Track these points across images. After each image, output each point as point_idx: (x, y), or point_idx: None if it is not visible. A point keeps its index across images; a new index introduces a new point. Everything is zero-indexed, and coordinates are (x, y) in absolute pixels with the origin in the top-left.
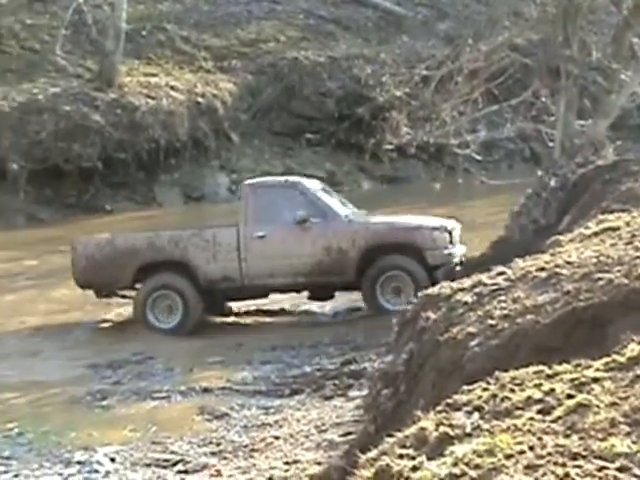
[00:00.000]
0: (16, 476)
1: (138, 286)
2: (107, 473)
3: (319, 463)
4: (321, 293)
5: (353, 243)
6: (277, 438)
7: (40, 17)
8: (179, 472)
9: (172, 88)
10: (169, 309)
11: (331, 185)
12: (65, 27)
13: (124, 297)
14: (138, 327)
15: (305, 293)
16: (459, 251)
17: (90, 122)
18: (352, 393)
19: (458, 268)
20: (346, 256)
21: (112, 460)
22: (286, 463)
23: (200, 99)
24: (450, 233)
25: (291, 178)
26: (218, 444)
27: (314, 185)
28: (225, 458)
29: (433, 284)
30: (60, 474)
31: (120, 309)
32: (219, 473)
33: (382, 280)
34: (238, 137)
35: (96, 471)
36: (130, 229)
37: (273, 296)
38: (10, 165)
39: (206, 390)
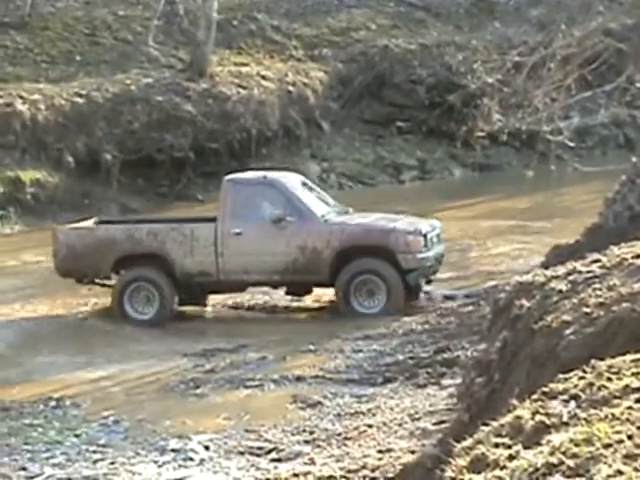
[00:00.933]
0: (112, 464)
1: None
2: (201, 461)
3: (413, 451)
4: (297, 290)
5: (327, 243)
6: (370, 426)
7: (133, 8)
8: (272, 460)
9: (263, 77)
10: (146, 300)
11: (422, 173)
12: (157, 18)
13: (104, 286)
14: (231, 316)
15: None
16: (436, 253)
17: (182, 112)
18: (445, 381)
19: (433, 270)
20: (320, 256)
21: (206, 448)
22: (379, 451)
23: (291, 88)
24: (425, 236)
25: (270, 175)
26: (311, 432)
27: (294, 182)
28: (318, 446)
29: (406, 288)
30: (155, 462)
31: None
32: (313, 461)
33: (356, 282)
34: (329, 126)
35: (191, 459)
36: None
37: None
38: (104, 155)
39: (299, 378)
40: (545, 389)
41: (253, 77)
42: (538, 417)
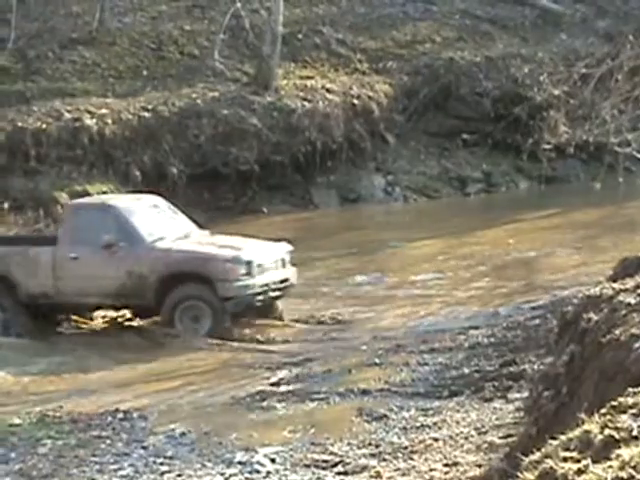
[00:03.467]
0: (179, 476)
1: None
2: (268, 473)
3: (479, 465)
4: (141, 312)
5: (152, 269)
6: (436, 440)
7: (199, 23)
8: (338, 473)
9: (328, 90)
10: None
11: (488, 186)
12: (223, 32)
13: None
14: (294, 330)
15: None
16: (271, 280)
17: (247, 125)
18: (512, 395)
19: (262, 297)
20: (146, 282)
21: (272, 461)
22: (446, 465)
23: (356, 101)
24: (249, 264)
25: (109, 199)
26: (377, 446)
27: (135, 207)
28: (384, 460)
29: (230, 314)
30: (222, 474)
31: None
32: (379, 475)
33: (182, 308)
34: (393, 138)
35: (257, 471)
36: (287, 231)
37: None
38: (170, 169)
39: (364, 391)
40: (614, 403)
41: (318, 90)
42: (607, 431)
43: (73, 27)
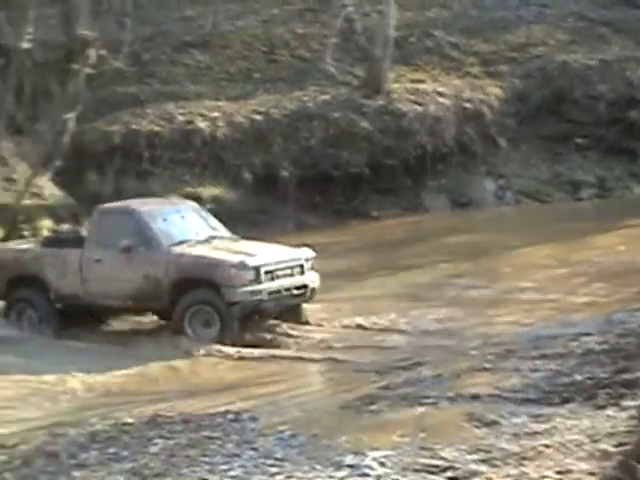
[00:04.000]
0: (289, 477)
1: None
2: (377, 477)
3: (593, 473)
4: (164, 315)
5: (166, 273)
6: (548, 447)
7: (311, 26)
8: (449, 479)
9: (439, 94)
10: (29, 320)
11: (601, 190)
12: (335, 35)
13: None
14: (402, 334)
15: None
16: (282, 285)
17: (358, 129)
18: (625, 402)
19: (271, 303)
20: (161, 285)
21: (382, 464)
22: (558, 472)
23: (467, 104)
24: (256, 270)
25: (133, 204)
26: (487, 452)
27: (157, 211)
28: (495, 466)
29: (238, 319)
30: (331, 477)
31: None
32: None
33: (192, 312)
34: (505, 142)
35: (366, 475)
36: (397, 235)
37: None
38: (281, 172)
39: (474, 397)
40: None
41: (429, 93)
42: None
43: (186, 30)
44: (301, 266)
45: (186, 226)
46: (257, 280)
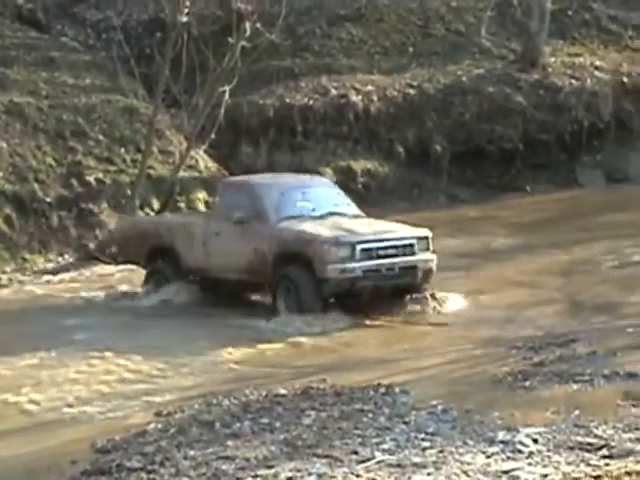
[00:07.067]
0: (441, 452)
1: None
2: (530, 454)
3: None
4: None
5: (270, 248)
6: None
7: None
8: (603, 457)
9: (596, 68)
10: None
11: None
12: (490, 9)
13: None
14: (556, 310)
15: None
16: (374, 265)
17: (513, 103)
18: None
19: (367, 282)
20: (266, 259)
21: (535, 441)
22: None
23: (625, 79)
24: (352, 247)
25: (255, 178)
26: None
27: (274, 185)
28: None
29: (322, 298)
30: (483, 452)
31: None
32: None
33: (283, 286)
34: None
35: (519, 451)
36: (550, 211)
37: None
38: (434, 146)
39: (631, 375)
40: None
41: (586, 68)
42: None
43: (341, 4)
44: (410, 245)
45: (305, 202)
46: (352, 257)
